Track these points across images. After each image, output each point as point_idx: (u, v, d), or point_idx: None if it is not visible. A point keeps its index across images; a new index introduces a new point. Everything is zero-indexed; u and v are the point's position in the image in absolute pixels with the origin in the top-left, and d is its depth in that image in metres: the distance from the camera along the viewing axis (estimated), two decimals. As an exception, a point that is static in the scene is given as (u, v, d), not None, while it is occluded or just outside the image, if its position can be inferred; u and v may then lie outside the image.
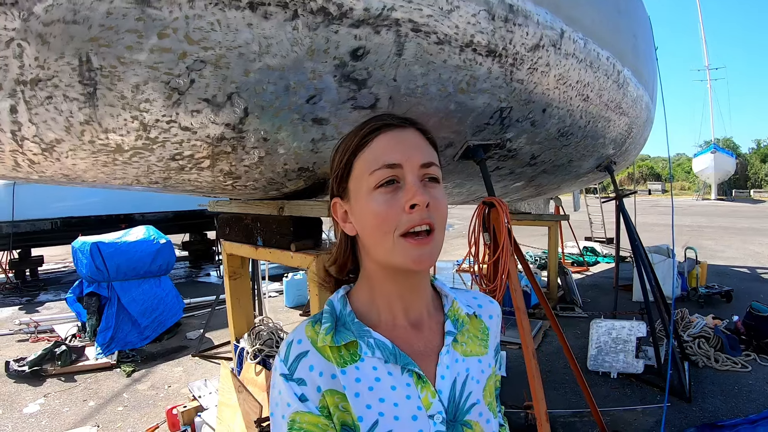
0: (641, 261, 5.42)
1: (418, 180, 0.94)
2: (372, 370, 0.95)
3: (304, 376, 0.93)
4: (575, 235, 12.36)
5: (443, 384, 0.98)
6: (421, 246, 0.92)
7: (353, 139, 1.00)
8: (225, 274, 3.81)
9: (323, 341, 0.96)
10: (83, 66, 1.71)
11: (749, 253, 14.79)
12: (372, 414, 0.92)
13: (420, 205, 0.91)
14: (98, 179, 2.44)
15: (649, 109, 5.55)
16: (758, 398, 4.91)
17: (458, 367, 1.02)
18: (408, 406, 0.93)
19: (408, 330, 1.02)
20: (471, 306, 1.13)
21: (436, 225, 0.94)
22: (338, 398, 0.92)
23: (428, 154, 0.98)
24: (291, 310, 8.81)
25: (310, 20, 1.80)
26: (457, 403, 0.98)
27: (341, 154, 1.02)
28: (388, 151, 0.94)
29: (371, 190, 0.94)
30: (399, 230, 0.91)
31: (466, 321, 1.08)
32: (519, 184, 4.66)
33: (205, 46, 1.75)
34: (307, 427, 0.90)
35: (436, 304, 1.11)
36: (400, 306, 1.03)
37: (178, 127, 2.02)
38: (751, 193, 57.13)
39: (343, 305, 1.04)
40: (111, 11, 1.57)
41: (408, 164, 0.94)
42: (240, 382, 3.46)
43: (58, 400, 5.12)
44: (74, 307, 7.05)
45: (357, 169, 0.98)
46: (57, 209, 10.56)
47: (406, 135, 0.98)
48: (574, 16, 2.82)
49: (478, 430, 0.99)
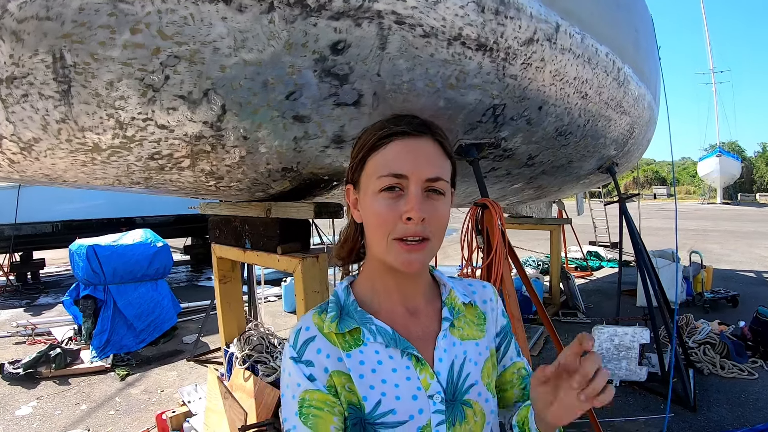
0: (644, 265, 5.32)
1: (422, 192, 0.98)
2: (374, 353, 1.03)
3: (312, 358, 1.01)
4: (579, 239, 12.24)
5: (441, 366, 1.05)
6: (412, 252, 0.98)
7: (371, 136, 1.04)
8: (215, 277, 3.74)
9: (329, 328, 1.04)
10: (57, 63, 1.66)
11: (755, 257, 14.65)
12: (375, 394, 0.99)
13: (414, 219, 0.96)
14: (79, 179, 2.39)
15: (652, 109, 5.45)
16: (765, 407, 4.79)
17: (456, 350, 1.09)
18: (408, 386, 1.01)
19: (407, 317, 1.10)
20: (467, 294, 1.19)
21: (431, 236, 1.00)
22: (344, 379, 1.00)
23: (437, 168, 1.01)
24: (289, 314, 8.72)
25: (287, 12, 1.73)
26: (456, 384, 1.06)
27: (359, 147, 1.07)
28: (397, 160, 0.99)
29: (376, 192, 1.00)
30: (393, 235, 0.98)
31: (462, 309, 1.15)
32: (518, 185, 4.56)
33: (179, 41, 1.68)
34: (317, 404, 0.97)
35: (435, 293, 1.17)
36: (399, 295, 1.11)
37: (155, 125, 1.96)
38: (756, 197, 57.04)
39: (347, 295, 1.12)
40: (83, 7, 1.52)
41: (414, 176, 0.98)
42: (226, 389, 3.39)
43: (51, 403, 5.08)
44: (71, 310, 7.02)
45: (369, 168, 1.03)
46: (58, 212, 10.55)
47: (419, 145, 1.01)
48: (570, 8, 2.72)
49: (477, 408, 1.06)
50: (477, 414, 1.06)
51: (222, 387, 3.45)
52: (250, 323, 4.08)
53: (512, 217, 9.17)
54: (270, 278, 10.57)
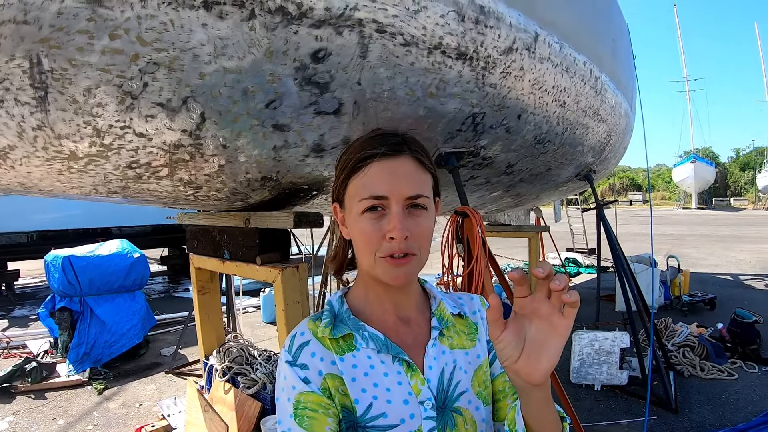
0: (623, 270, 5.37)
1: (402, 210, 1.01)
2: (366, 358, 1.05)
3: (306, 362, 1.03)
4: (557, 246, 12.34)
5: (431, 373, 1.07)
6: (398, 266, 1.01)
7: (350, 159, 1.06)
8: (194, 288, 3.70)
9: (323, 333, 1.07)
10: (34, 68, 1.62)
11: (731, 260, 14.92)
12: (367, 397, 1.01)
13: (397, 238, 0.98)
14: (55, 188, 2.35)
15: (629, 117, 5.51)
16: (746, 406, 4.86)
17: (445, 358, 1.11)
18: (399, 391, 1.03)
19: (398, 325, 1.13)
20: (456, 306, 1.21)
21: (416, 251, 1.03)
22: (338, 382, 1.02)
23: (416, 186, 1.03)
24: (268, 325, 8.65)
25: (267, 20, 1.71)
26: (446, 391, 1.07)
27: (340, 169, 1.10)
28: (376, 183, 1.01)
29: (359, 213, 1.03)
30: (379, 253, 1.01)
31: (450, 319, 1.17)
32: (496, 194, 4.57)
33: (158, 47, 1.65)
34: (312, 406, 0.98)
35: (426, 304, 1.21)
36: (391, 304, 1.14)
37: (133, 134, 1.92)
38: (731, 202, 58.12)
39: (341, 304, 1.15)
40: (62, 11, 1.48)
41: (394, 197, 1.00)
42: (206, 401, 3.34)
43: (27, 418, 4.96)
44: (47, 322, 6.86)
45: (350, 190, 1.06)
46: (33, 222, 10.37)
47: (397, 164, 1.03)
48: (548, 18, 2.75)
49: (467, 416, 1.08)
50: (468, 422, 1.07)
51: (202, 400, 3.40)
52: (230, 335, 4.03)
53: (491, 225, 9.21)
54: (248, 288, 10.49)
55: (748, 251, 16.78)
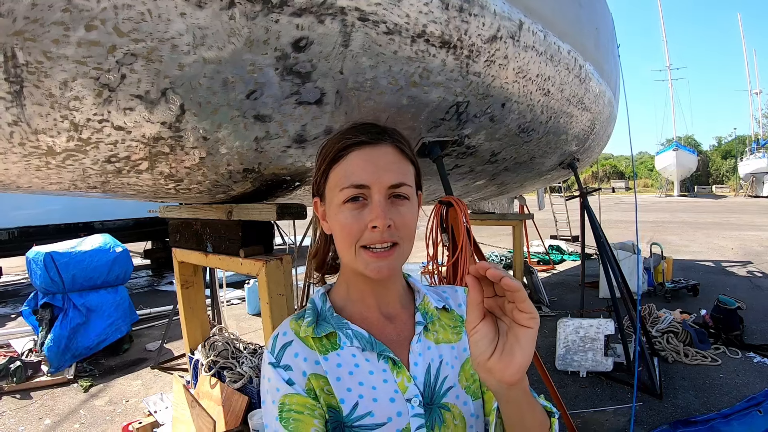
0: (607, 257, 5.40)
1: (385, 200, 0.99)
2: (351, 357, 1.03)
3: (290, 363, 1.01)
4: (540, 234, 12.40)
5: (417, 370, 1.05)
6: (380, 259, 0.99)
7: (331, 149, 1.04)
8: (177, 282, 3.66)
9: (305, 332, 1.05)
10: (9, 62, 1.58)
11: (713, 247, 15.07)
12: (352, 396, 0.99)
13: (380, 227, 0.96)
14: (33, 185, 2.30)
15: (612, 106, 5.54)
16: (730, 391, 4.91)
17: (431, 353, 1.09)
18: (385, 389, 1.01)
19: (382, 322, 1.10)
20: (441, 300, 1.18)
21: (400, 240, 1.00)
22: (322, 382, 1.00)
23: (398, 174, 1.01)
24: (254, 317, 8.59)
25: (247, 9, 1.68)
26: (433, 387, 1.05)
27: (320, 160, 1.08)
28: (357, 171, 0.99)
29: (340, 203, 1.01)
30: (361, 243, 0.99)
31: (435, 314, 1.14)
32: (480, 182, 4.58)
33: (136, 38, 1.62)
34: (297, 407, 0.97)
35: (409, 299, 1.18)
36: (374, 300, 1.11)
37: (111, 127, 1.89)
38: (713, 189, 58.75)
39: (323, 302, 1.13)
40: (36, 2, 1.45)
41: (376, 185, 0.98)
42: (193, 397, 3.31)
43: (13, 419, 4.88)
44: (30, 320, 6.72)
45: (331, 181, 1.04)
46: (14, 218, 10.18)
47: (378, 153, 1.01)
48: (532, 7, 2.74)
49: (456, 411, 1.06)
50: (456, 417, 1.05)
51: (188, 395, 3.37)
52: (215, 328, 4.00)
53: (475, 213, 9.23)
54: (232, 281, 10.42)
55: (729, 238, 16.96)
